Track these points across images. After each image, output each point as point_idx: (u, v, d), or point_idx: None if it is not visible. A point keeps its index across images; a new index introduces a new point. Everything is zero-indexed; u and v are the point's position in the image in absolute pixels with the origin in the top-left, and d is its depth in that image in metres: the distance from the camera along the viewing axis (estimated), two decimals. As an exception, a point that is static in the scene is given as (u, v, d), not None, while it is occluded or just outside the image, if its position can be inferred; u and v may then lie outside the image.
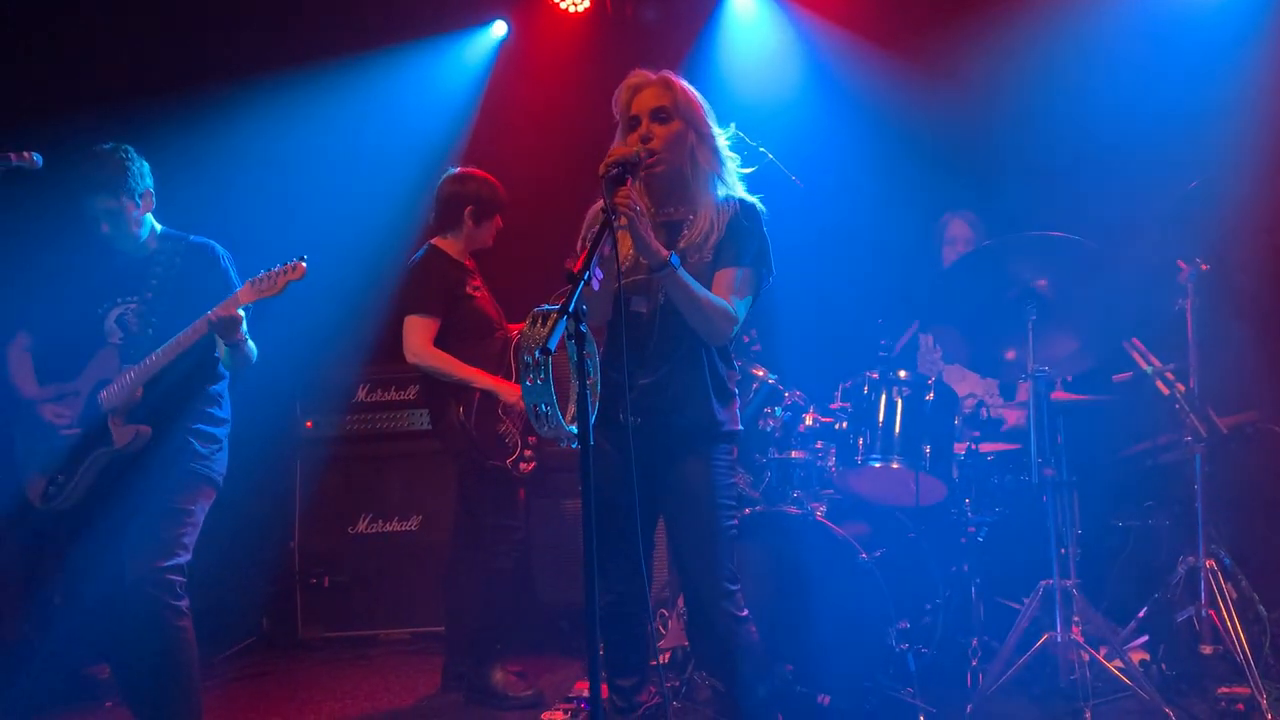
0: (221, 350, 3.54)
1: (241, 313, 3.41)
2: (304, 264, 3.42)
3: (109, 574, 3.39)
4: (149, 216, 3.57)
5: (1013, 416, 4.50)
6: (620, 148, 2.93)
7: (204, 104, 5.08)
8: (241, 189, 5.13)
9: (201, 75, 5.21)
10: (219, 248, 3.63)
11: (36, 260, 3.73)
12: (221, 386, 3.65)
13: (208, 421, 3.57)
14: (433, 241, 4.23)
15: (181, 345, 3.42)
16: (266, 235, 4.04)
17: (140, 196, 3.51)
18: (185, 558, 3.41)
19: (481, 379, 4.08)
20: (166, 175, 3.71)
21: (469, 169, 4.28)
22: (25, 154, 3.05)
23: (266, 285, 3.41)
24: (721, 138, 3.08)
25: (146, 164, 3.55)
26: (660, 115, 3.00)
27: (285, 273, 3.41)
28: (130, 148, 3.52)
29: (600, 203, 3.08)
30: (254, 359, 3.56)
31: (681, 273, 2.89)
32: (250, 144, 5.26)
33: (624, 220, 2.75)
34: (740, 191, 3.11)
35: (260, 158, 5.26)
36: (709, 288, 2.98)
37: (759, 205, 3.09)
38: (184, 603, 3.37)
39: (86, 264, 3.58)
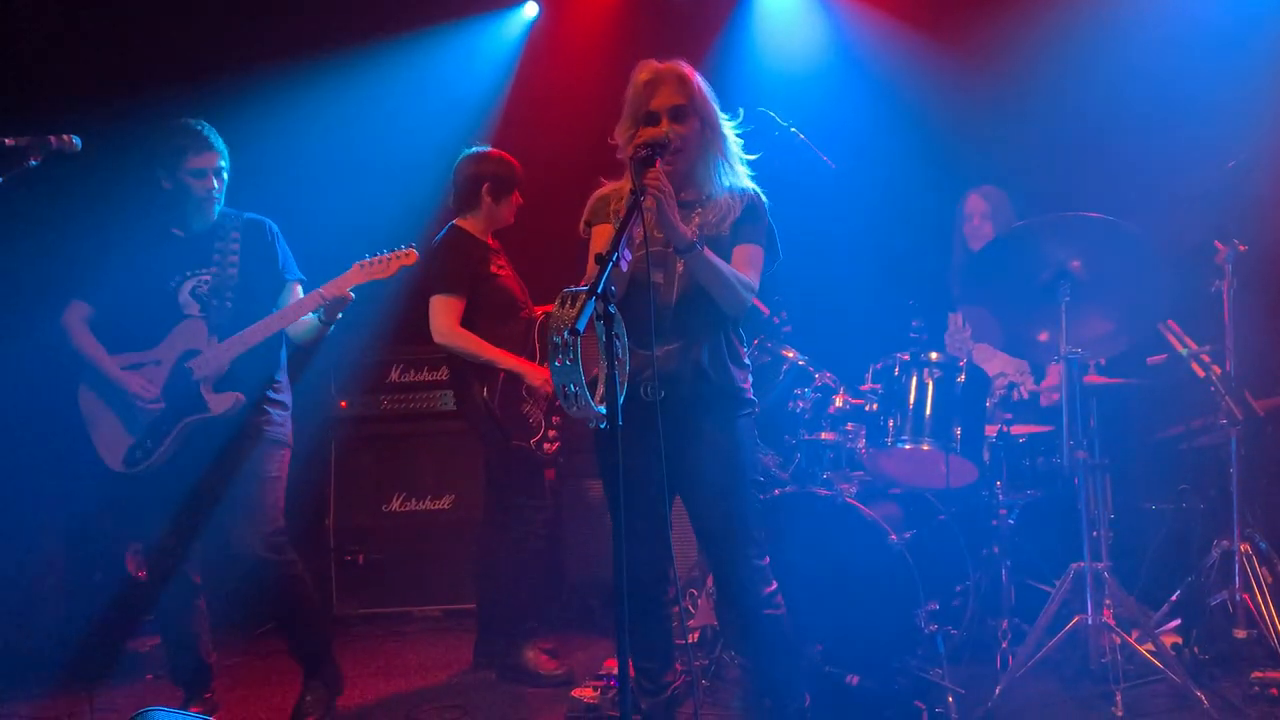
0: (305, 326, 3.72)
1: (352, 293, 3.63)
2: (416, 251, 3.68)
3: (217, 538, 3.67)
4: None
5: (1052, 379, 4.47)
6: (650, 130, 2.96)
7: (234, 88, 5.11)
8: (273, 172, 5.15)
9: (231, 60, 5.25)
10: (272, 223, 3.83)
11: (102, 234, 3.87)
12: (285, 356, 3.85)
13: (278, 389, 3.79)
14: (455, 222, 4.26)
15: (287, 319, 3.65)
16: (300, 217, 4.09)
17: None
18: (281, 521, 3.71)
19: (506, 360, 4.10)
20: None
21: (483, 148, 4.30)
22: (65, 137, 3.11)
23: (378, 268, 3.64)
24: (729, 127, 3.15)
25: None
26: (678, 114, 3.05)
27: (398, 257, 3.65)
28: None
29: (606, 186, 3.12)
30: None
31: (707, 252, 2.94)
32: (283, 127, 5.28)
33: (651, 201, 2.76)
34: (746, 181, 3.19)
35: (293, 141, 5.28)
36: (728, 261, 3.05)
37: (763, 196, 3.19)
38: (292, 555, 3.71)
39: (153, 238, 3.75)
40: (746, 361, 3.23)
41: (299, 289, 3.79)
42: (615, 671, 4.04)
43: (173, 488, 3.65)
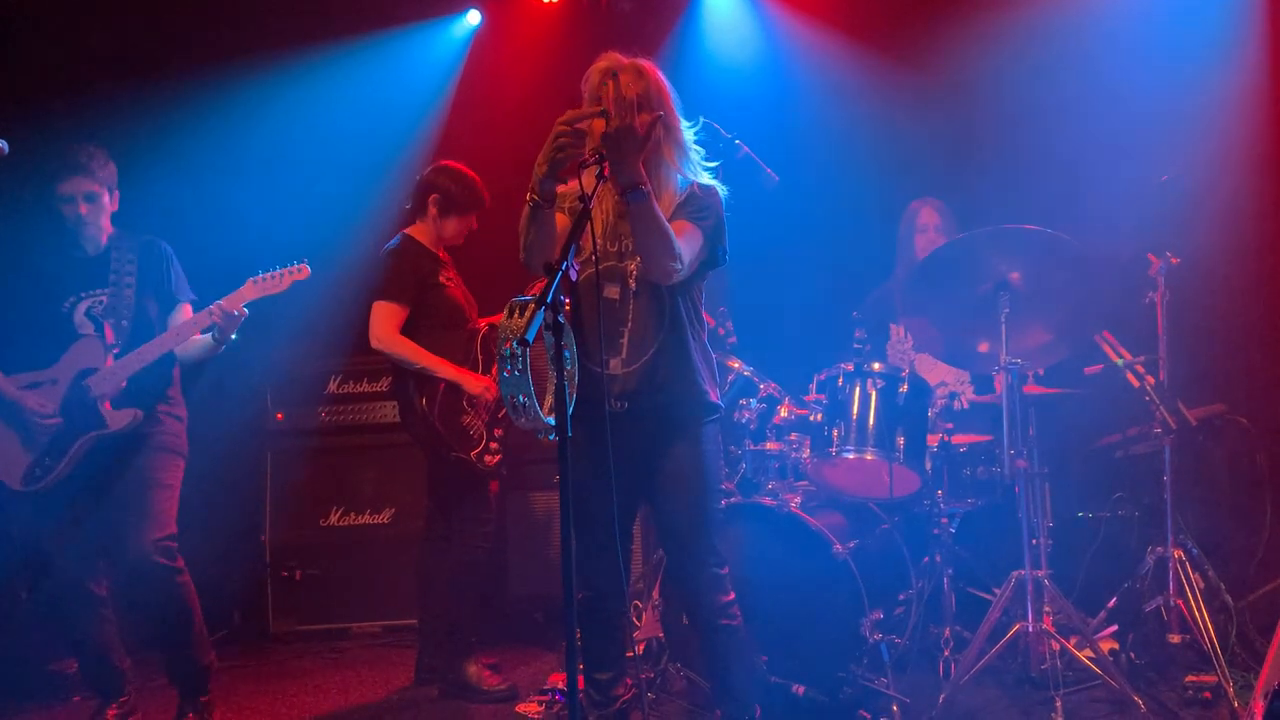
0: (197, 345, 3.75)
1: (246, 310, 3.67)
2: (308, 267, 3.73)
3: (111, 546, 3.67)
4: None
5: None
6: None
7: (174, 96, 5.02)
8: (214, 181, 5.08)
9: (172, 66, 5.15)
10: (165, 245, 3.87)
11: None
12: (175, 369, 3.87)
13: (170, 401, 3.82)
14: (406, 230, 4.21)
15: (182, 336, 3.69)
16: (239, 227, 4.03)
17: (113, 191, 3.74)
18: (173, 528, 3.69)
19: (445, 369, 4.05)
20: (139, 167, 3.73)
21: (453, 162, 4.25)
22: None
23: (271, 284, 3.69)
24: (688, 130, 3.10)
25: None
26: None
27: (291, 273, 3.72)
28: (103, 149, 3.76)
29: (560, 186, 3.00)
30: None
31: (653, 201, 2.83)
32: (223, 135, 5.20)
33: (612, 124, 2.72)
34: (704, 177, 3.12)
35: (233, 149, 5.20)
36: None
37: (719, 187, 3.11)
38: (180, 562, 3.69)
39: (45, 257, 3.76)
40: (713, 364, 3.18)
41: (189, 309, 3.81)
42: (561, 686, 4.00)
43: (75, 503, 3.68)
